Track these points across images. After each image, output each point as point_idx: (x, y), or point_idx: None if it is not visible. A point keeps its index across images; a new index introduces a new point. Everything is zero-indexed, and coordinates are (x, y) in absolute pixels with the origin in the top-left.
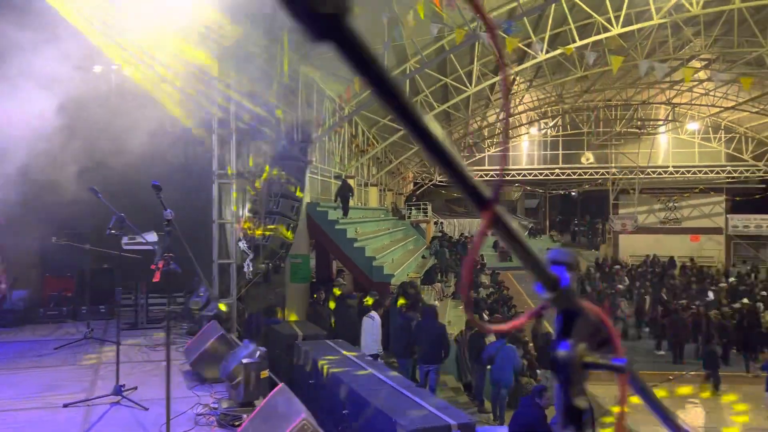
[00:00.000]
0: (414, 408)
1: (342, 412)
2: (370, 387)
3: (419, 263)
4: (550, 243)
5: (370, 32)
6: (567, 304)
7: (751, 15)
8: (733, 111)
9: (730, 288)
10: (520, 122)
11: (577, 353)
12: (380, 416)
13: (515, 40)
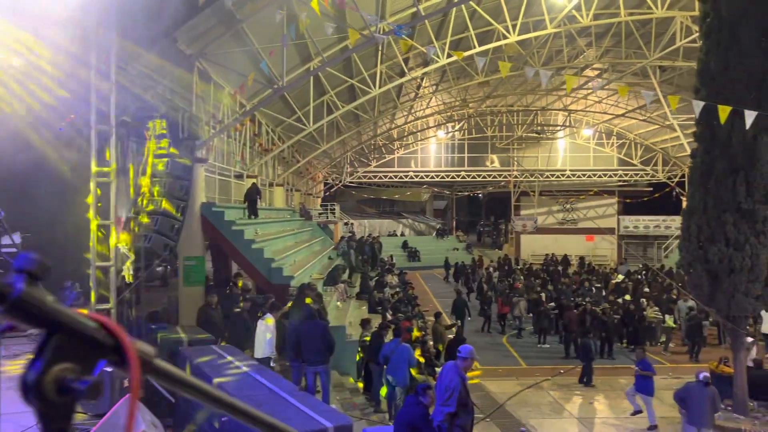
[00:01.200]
0: (291, 412)
1: (221, 419)
2: (249, 392)
3: (325, 264)
4: (456, 243)
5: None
6: (24, 318)
7: (637, 29)
8: (624, 118)
9: (618, 285)
10: (428, 125)
11: (49, 376)
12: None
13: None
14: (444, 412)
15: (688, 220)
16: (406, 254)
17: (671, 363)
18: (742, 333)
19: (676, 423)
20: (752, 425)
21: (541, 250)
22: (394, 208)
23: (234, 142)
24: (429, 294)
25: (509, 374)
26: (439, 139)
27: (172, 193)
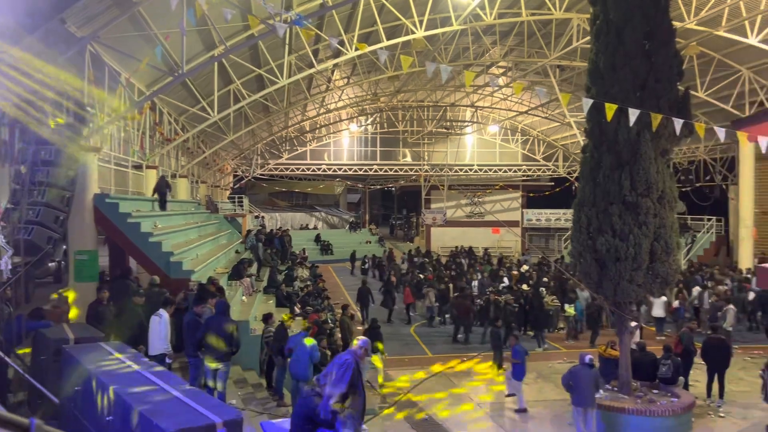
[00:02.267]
0: (179, 408)
1: (106, 419)
2: (137, 390)
3: (231, 258)
4: (369, 236)
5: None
6: None
7: (539, 29)
8: (527, 115)
9: (521, 275)
10: (340, 118)
11: None
12: (143, 420)
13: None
14: (334, 393)
15: (578, 212)
16: (318, 247)
17: (567, 348)
18: (627, 318)
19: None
20: (635, 403)
21: (451, 242)
22: (307, 201)
23: (132, 131)
24: (341, 287)
25: (415, 363)
26: (352, 133)
27: (56, 182)
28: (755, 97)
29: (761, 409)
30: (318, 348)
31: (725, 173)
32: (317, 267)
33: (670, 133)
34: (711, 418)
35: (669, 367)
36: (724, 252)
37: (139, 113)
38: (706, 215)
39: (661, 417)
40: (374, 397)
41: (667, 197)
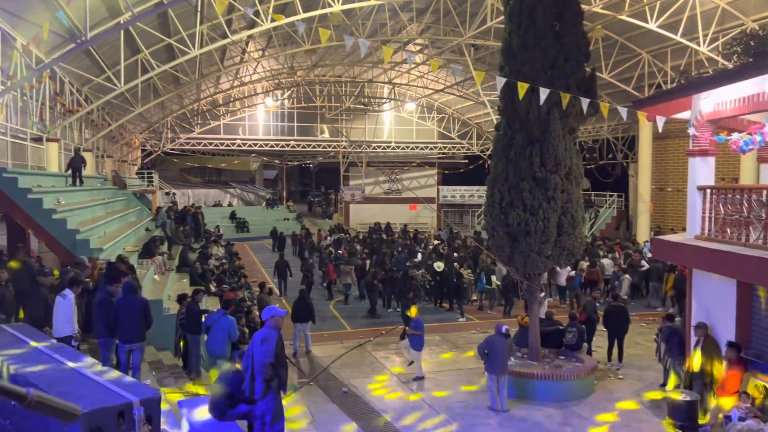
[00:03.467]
0: (93, 389)
1: (12, 403)
2: (46, 372)
3: (141, 236)
4: (286, 213)
5: None
6: None
7: (454, 7)
8: (443, 93)
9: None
10: (255, 92)
11: None
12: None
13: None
14: (264, 363)
15: (492, 188)
16: (234, 225)
17: (480, 320)
18: (536, 288)
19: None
20: (543, 369)
21: (369, 219)
22: (221, 178)
23: (30, 101)
24: (258, 264)
25: (334, 338)
26: (268, 107)
27: None
28: (654, 79)
29: (655, 370)
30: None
31: (626, 152)
32: (233, 245)
33: (578, 111)
34: (611, 380)
35: (574, 335)
36: (624, 226)
37: (37, 82)
38: (608, 191)
39: (567, 381)
40: (293, 372)
41: (573, 173)
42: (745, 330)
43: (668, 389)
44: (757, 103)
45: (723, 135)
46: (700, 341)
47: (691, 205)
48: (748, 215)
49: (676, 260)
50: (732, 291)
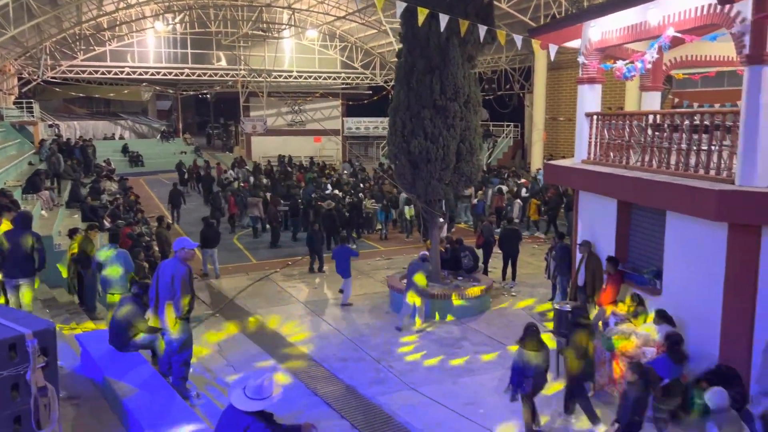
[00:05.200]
0: None
1: None
2: None
3: (24, 170)
4: (184, 146)
5: None
6: None
7: None
8: (345, 21)
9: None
10: (144, 15)
11: None
12: None
13: None
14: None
15: (394, 116)
16: (127, 159)
17: (384, 247)
18: (436, 214)
19: (386, 296)
20: (444, 290)
21: (272, 151)
22: (110, 108)
23: None
24: (155, 199)
25: (240, 270)
26: (158, 32)
27: None
28: (549, 10)
29: (545, 287)
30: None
31: (522, 82)
32: (127, 180)
33: (476, 39)
34: (505, 297)
35: (469, 258)
36: (519, 155)
37: None
38: (505, 122)
39: (465, 299)
40: (199, 306)
41: (472, 101)
42: (623, 246)
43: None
44: (639, 32)
45: (609, 63)
46: (584, 258)
47: (579, 131)
48: (629, 140)
49: (565, 183)
50: (613, 210)
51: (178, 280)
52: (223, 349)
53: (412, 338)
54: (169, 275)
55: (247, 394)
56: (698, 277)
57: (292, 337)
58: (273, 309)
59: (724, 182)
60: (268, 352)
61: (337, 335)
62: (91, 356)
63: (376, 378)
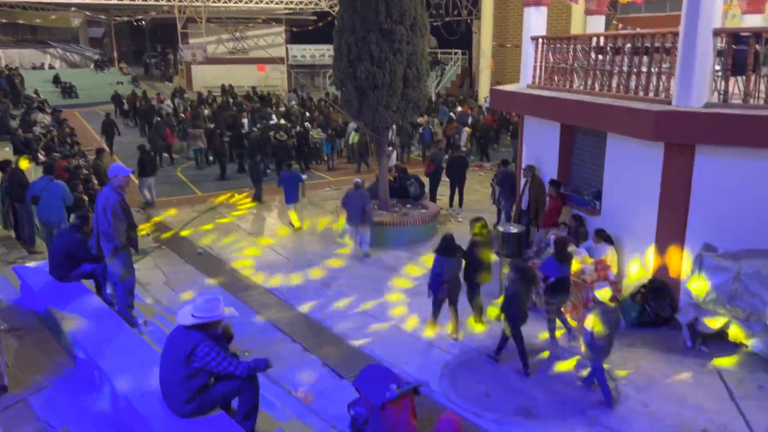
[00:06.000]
0: None
1: None
2: None
3: None
4: (119, 76)
5: None
6: None
7: None
8: None
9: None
10: None
11: None
12: None
13: None
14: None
15: (339, 39)
16: (59, 90)
17: (333, 177)
18: (384, 142)
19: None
20: (392, 217)
21: (214, 81)
22: (37, 36)
23: None
24: (91, 131)
25: (185, 203)
26: None
27: None
28: None
29: (491, 212)
30: (70, 191)
31: (470, 8)
32: (60, 111)
33: None
34: (451, 223)
35: (415, 186)
36: (467, 83)
37: None
38: (453, 49)
39: (413, 226)
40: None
41: (418, 25)
42: (565, 169)
43: (500, 227)
44: None
45: None
46: (528, 182)
47: (525, 55)
48: (573, 63)
49: (510, 108)
50: (556, 134)
51: (109, 209)
52: (170, 280)
53: (360, 264)
54: (101, 204)
55: (194, 313)
56: (635, 196)
57: (240, 266)
58: (220, 240)
59: (662, 103)
60: (217, 282)
61: (287, 263)
62: (32, 288)
63: (326, 303)
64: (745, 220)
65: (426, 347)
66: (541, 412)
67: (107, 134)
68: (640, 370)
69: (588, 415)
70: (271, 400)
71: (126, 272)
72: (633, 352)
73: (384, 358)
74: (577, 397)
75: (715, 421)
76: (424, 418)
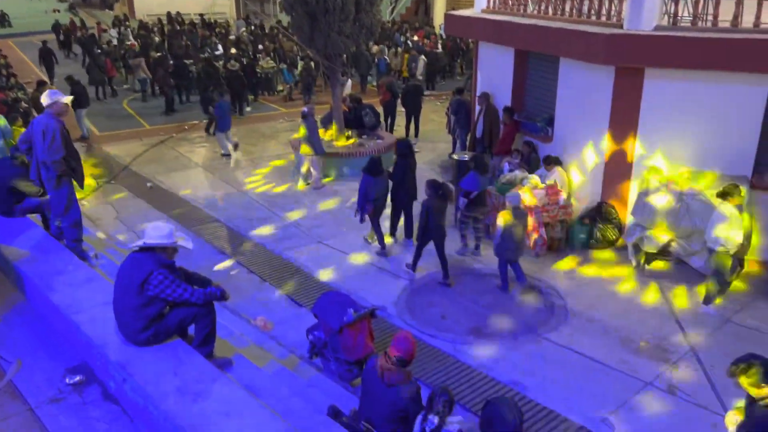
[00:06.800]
0: None
1: None
2: None
3: None
4: (55, 3)
5: None
6: None
7: None
8: None
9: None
10: None
11: None
12: None
13: None
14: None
15: None
16: None
17: (287, 109)
18: (338, 70)
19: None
20: (347, 148)
21: (158, 9)
22: None
23: None
24: (28, 63)
25: (133, 137)
26: None
27: None
28: None
29: (446, 142)
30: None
31: None
32: None
33: None
34: None
35: (370, 116)
36: (422, 10)
37: None
38: None
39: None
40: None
41: None
42: (519, 96)
43: (455, 156)
44: None
45: None
46: (483, 109)
47: None
48: None
49: (465, 34)
50: (510, 60)
51: (50, 135)
52: (122, 214)
53: (316, 195)
54: (40, 132)
55: (146, 239)
56: (586, 122)
57: (193, 199)
58: (172, 174)
59: (613, 27)
60: (170, 216)
61: (241, 195)
62: None
63: (282, 234)
64: (691, 143)
65: (382, 275)
66: (493, 332)
67: (46, 65)
68: (588, 289)
69: (537, 332)
70: (230, 328)
71: (70, 203)
72: (581, 273)
73: (341, 287)
74: (528, 317)
75: (656, 333)
76: (381, 341)
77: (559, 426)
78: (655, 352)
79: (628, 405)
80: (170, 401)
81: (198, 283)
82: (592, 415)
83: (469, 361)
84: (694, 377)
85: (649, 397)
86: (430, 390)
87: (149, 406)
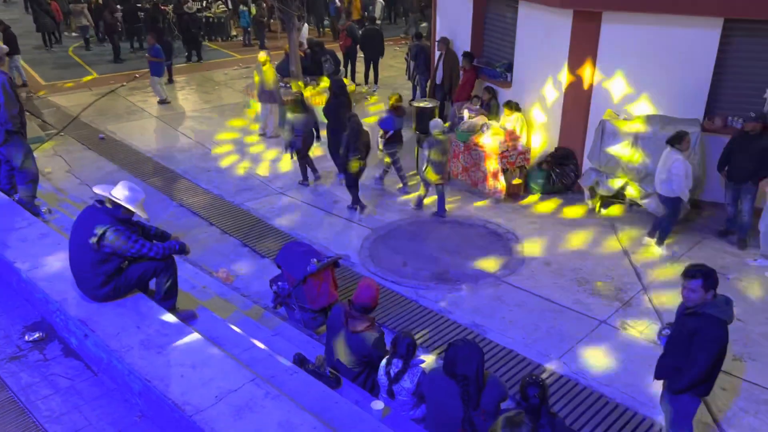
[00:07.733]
0: None
1: None
2: None
3: None
4: None
5: None
6: None
7: None
8: None
9: None
10: None
11: None
12: None
13: None
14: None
15: None
16: None
17: (242, 55)
18: (292, 14)
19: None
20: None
21: None
22: None
23: None
24: None
25: (81, 86)
26: None
27: None
28: None
29: (406, 89)
30: None
31: None
32: None
33: None
34: (367, 100)
35: (330, 62)
36: None
37: None
38: None
39: None
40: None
41: None
42: (478, 41)
43: (415, 103)
44: None
45: None
46: (442, 55)
47: None
48: None
49: None
50: (469, 5)
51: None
52: (74, 167)
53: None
54: None
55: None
56: (544, 67)
57: (147, 150)
58: (124, 125)
59: None
60: (125, 168)
61: (198, 146)
62: None
63: (241, 185)
64: (647, 87)
65: (345, 224)
66: (454, 277)
67: None
68: (545, 233)
69: (496, 275)
70: (192, 282)
71: (26, 159)
72: (539, 216)
73: (303, 237)
74: (488, 261)
75: (611, 274)
76: (345, 289)
77: (518, 365)
78: (609, 292)
79: (583, 343)
80: (135, 355)
81: (157, 237)
82: (549, 353)
83: (430, 305)
84: (645, 315)
85: (603, 335)
86: (393, 335)
87: (113, 360)
